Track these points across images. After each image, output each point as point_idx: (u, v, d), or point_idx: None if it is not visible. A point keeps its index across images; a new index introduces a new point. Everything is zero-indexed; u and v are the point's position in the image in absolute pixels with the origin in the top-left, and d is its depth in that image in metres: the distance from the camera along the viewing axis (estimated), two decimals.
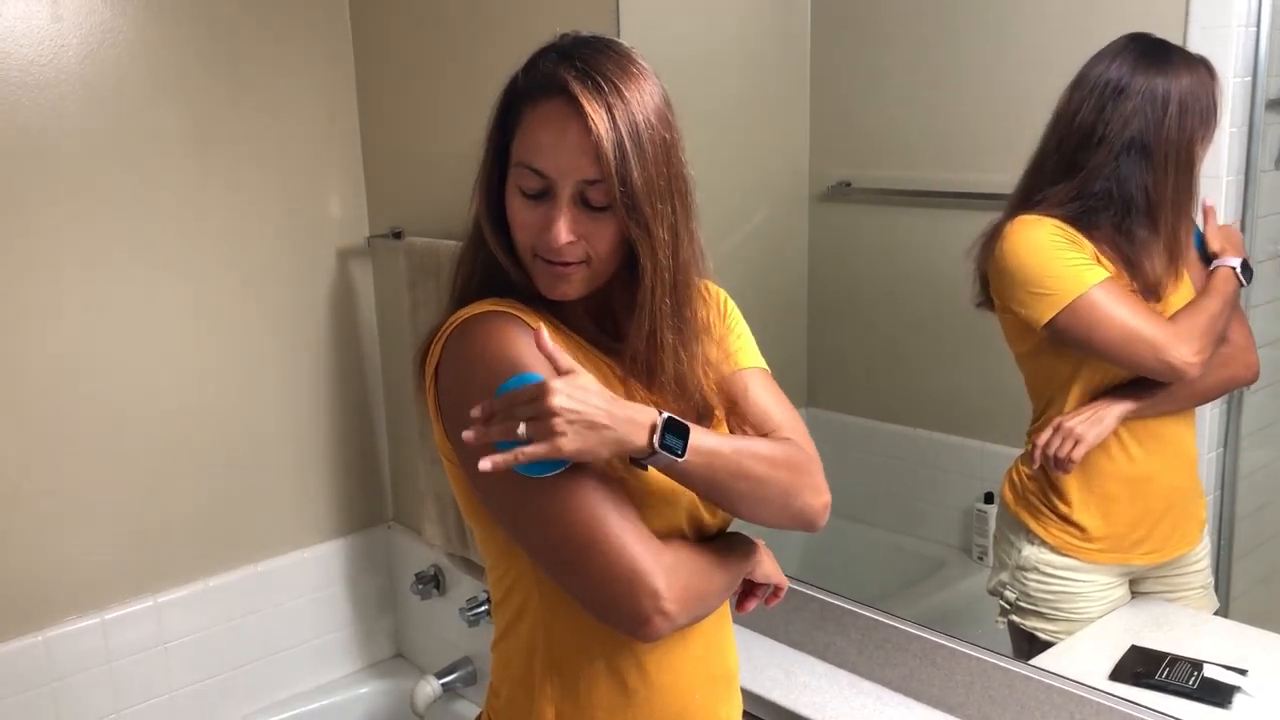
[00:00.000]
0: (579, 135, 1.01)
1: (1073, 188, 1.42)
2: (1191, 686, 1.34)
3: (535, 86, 1.05)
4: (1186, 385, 1.40)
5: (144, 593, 2.32)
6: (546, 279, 1.08)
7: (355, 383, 2.64)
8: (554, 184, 1.04)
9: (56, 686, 2.21)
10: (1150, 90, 1.37)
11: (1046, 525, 1.51)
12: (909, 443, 1.92)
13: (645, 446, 0.99)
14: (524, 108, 1.06)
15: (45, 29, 2.08)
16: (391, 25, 2.42)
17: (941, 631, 1.59)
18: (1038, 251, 1.44)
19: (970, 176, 1.75)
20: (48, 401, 2.16)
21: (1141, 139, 1.38)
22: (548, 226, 1.04)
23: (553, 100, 1.03)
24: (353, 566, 2.67)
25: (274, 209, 2.43)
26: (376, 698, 2.66)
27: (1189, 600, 1.52)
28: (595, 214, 1.05)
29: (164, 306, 2.29)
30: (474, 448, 0.99)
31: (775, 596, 1.26)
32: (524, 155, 1.05)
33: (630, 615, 1.01)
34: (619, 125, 1.01)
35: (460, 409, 1.03)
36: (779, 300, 2.09)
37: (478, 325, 1.07)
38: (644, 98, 1.04)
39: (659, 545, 1.03)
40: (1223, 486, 1.48)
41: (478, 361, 1.05)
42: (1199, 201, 1.41)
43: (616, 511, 1.02)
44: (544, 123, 1.04)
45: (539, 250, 1.07)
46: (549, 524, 1.02)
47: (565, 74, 1.03)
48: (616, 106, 1.02)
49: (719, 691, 1.21)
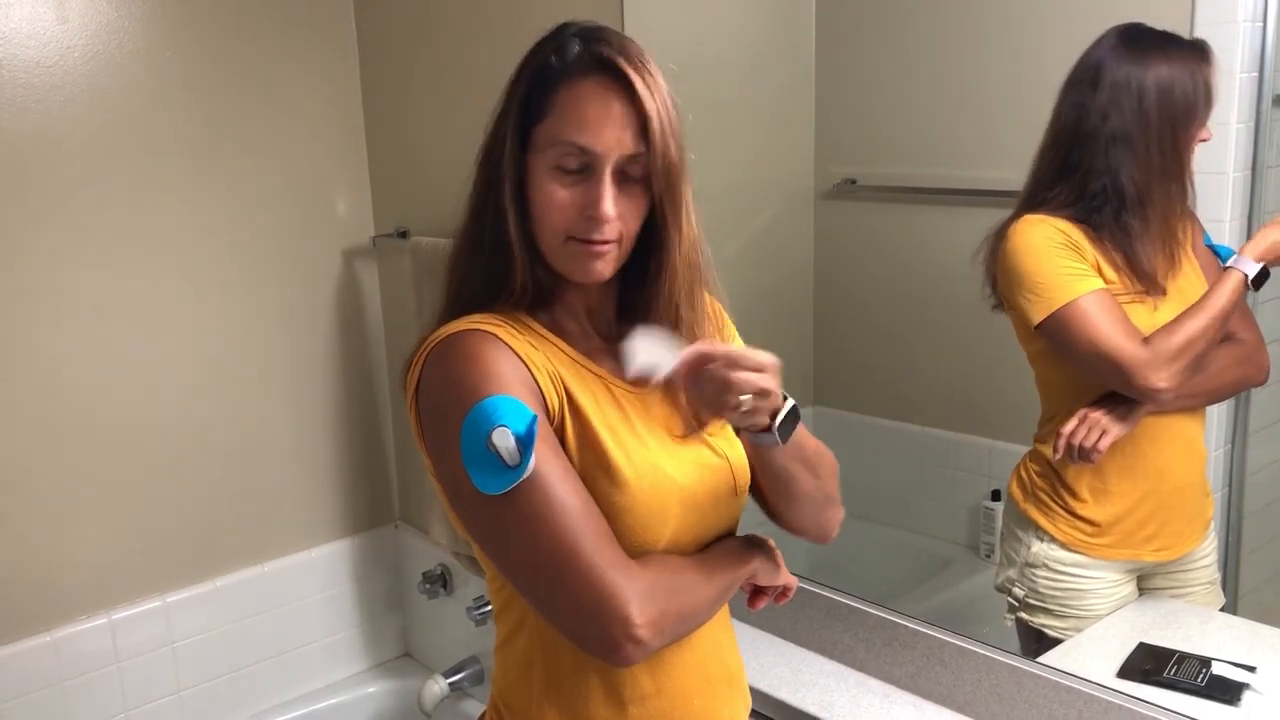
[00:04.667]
0: (623, 111, 1.03)
1: (1074, 186, 1.42)
2: (1200, 684, 1.34)
3: (571, 66, 1.05)
4: (1200, 384, 1.40)
5: (152, 593, 2.33)
6: (581, 261, 1.08)
7: (361, 382, 2.64)
8: (598, 159, 1.04)
9: (65, 687, 2.21)
10: (1124, 79, 1.37)
11: (1056, 521, 1.51)
12: (916, 440, 1.92)
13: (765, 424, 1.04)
14: (558, 87, 1.05)
15: (52, 30, 2.08)
16: (397, 25, 2.42)
17: (949, 629, 1.59)
18: (1035, 254, 1.44)
19: (976, 173, 1.75)
20: (54, 402, 2.16)
21: (1122, 129, 1.38)
22: (593, 202, 1.04)
23: (593, 77, 1.04)
24: (360, 566, 2.67)
25: (280, 209, 2.43)
26: (384, 697, 2.67)
27: (1195, 597, 1.51)
28: (629, 190, 1.07)
29: (171, 307, 2.29)
30: (450, 473, 1.03)
31: (784, 595, 1.25)
32: (565, 133, 1.04)
33: (600, 642, 1.01)
34: (658, 100, 1.05)
35: (437, 433, 1.05)
36: (785, 298, 2.08)
37: (451, 347, 1.06)
38: (662, 78, 1.07)
39: (633, 570, 1.02)
40: (1230, 483, 1.47)
41: (451, 385, 1.04)
42: (1194, 189, 1.39)
43: (590, 535, 1.01)
44: (588, 98, 1.04)
45: (577, 231, 1.06)
46: (521, 549, 1.02)
47: (604, 51, 1.04)
48: (653, 84, 1.05)
49: (719, 694, 1.20)
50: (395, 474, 2.74)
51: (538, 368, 1.07)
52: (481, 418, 1.00)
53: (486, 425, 0.99)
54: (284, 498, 2.53)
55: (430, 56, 2.35)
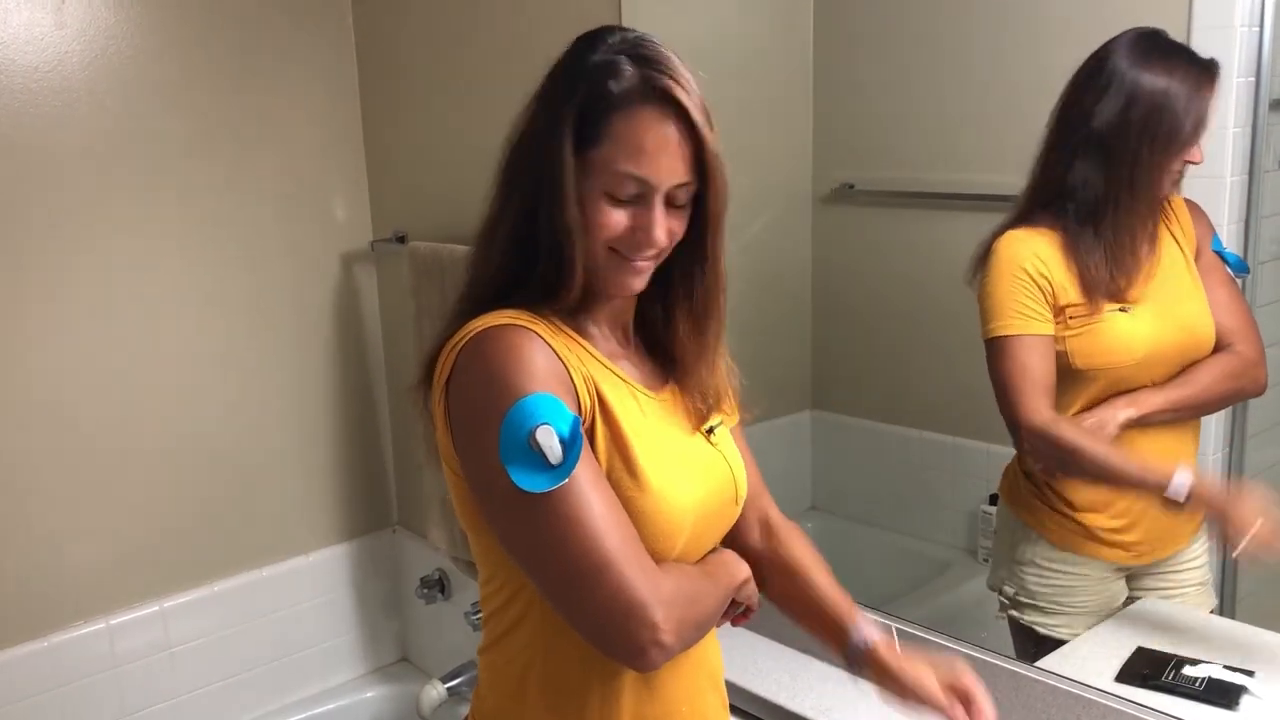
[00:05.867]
0: (679, 141, 1.04)
1: (1057, 184, 1.42)
2: (1198, 688, 1.34)
3: (629, 94, 1.04)
4: (1189, 396, 1.41)
5: (149, 598, 2.33)
6: (622, 275, 1.09)
7: (359, 387, 2.64)
8: (653, 189, 1.05)
9: (63, 692, 2.21)
10: (1120, 82, 1.36)
11: (1043, 519, 1.52)
12: (913, 445, 1.92)
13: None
14: (614, 114, 1.04)
15: (49, 36, 2.08)
16: (395, 30, 2.42)
17: (947, 634, 1.58)
18: (1002, 279, 1.46)
19: (973, 177, 1.75)
20: (51, 407, 2.16)
21: (1101, 133, 1.37)
22: (646, 228, 1.05)
23: (650, 106, 1.03)
24: (358, 571, 2.67)
25: (278, 214, 2.43)
26: (382, 702, 2.67)
27: (1187, 597, 1.52)
28: (674, 212, 1.08)
29: (168, 312, 2.29)
30: (484, 468, 1.03)
31: (746, 616, 1.26)
32: (621, 163, 1.04)
33: (627, 646, 1.01)
34: (709, 126, 1.05)
35: (472, 426, 1.04)
36: (782, 302, 2.08)
37: (492, 340, 1.05)
38: (699, 91, 1.07)
39: (659, 575, 1.03)
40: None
41: (492, 379, 1.03)
42: (1158, 206, 1.40)
43: (619, 538, 1.01)
44: (645, 129, 1.03)
45: (622, 246, 1.07)
46: (551, 549, 1.01)
47: (660, 80, 1.03)
48: (702, 108, 1.05)
49: (706, 699, 1.22)
50: (393, 478, 2.74)
51: (573, 367, 1.06)
52: (524, 415, 1.00)
53: (530, 423, 0.99)
54: (282, 502, 2.52)
55: (429, 61, 2.35)
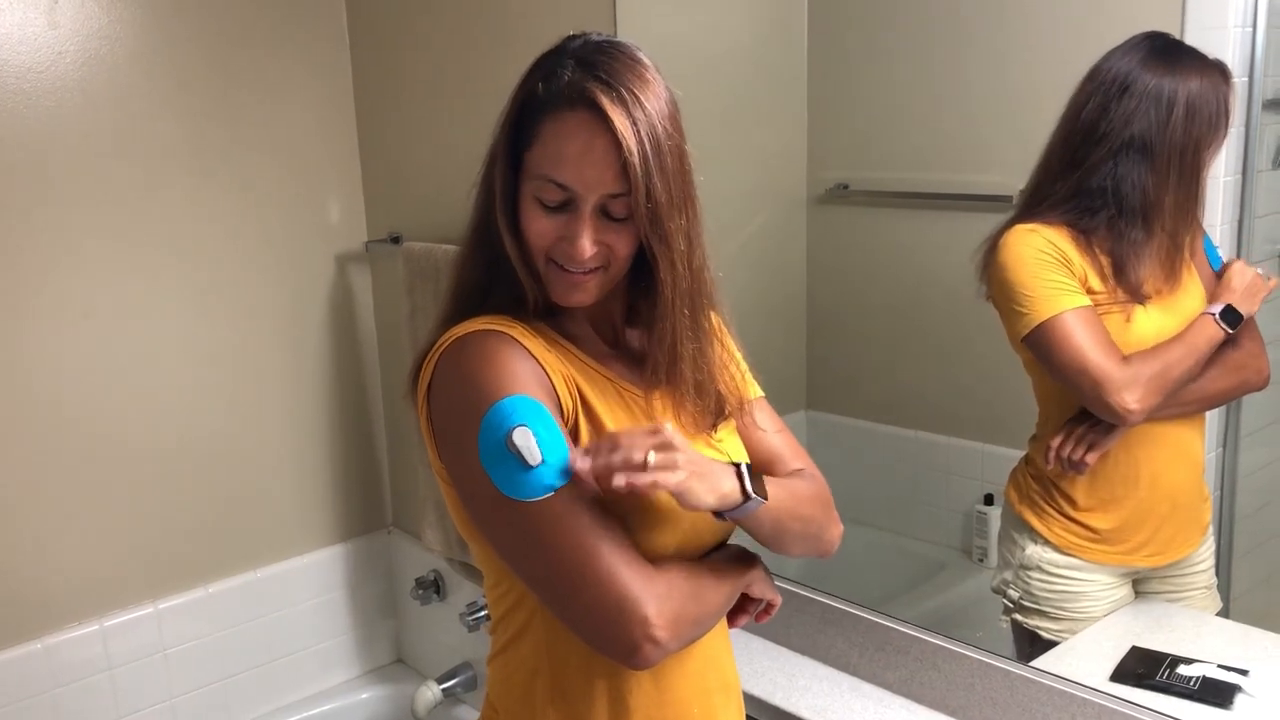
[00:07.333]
0: (605, 150, 1.00)
1: (1072, 184, 1.42)
2: (1193, 687, 1.34)
3: (557, 97, 1.02)
4: (1194, 389, 1.40)
5: (144, 599, 2.32)
6: (562, 286, 1.07)
7: (354, 388, 2.64)
8: (578, 197, 1.02)
9: (57, 694, 2.21)
10: (1156, 89, 1.36)
11: (1051, 525, 1.51)
12: (908, 445, 1.92)
13: (740, 495, 1.02)
14: (544, 118, 1.02)
15: (42, 36, 2.08)
16: (390, 30, 2.42)
17: (942, 634, 1.59)
18: (1023, 267, 1.43)
19: (968, 178, 1.75)
20: (46, 409, 2.15)
21: (1143, 138, 1.37)
22: (571, 239, 1.03)
23: (577, 112, 1.00)
24: (353, 572, 2.67)
25: (272, 214, 2.43)
26: (377, 703, 2.66)
27: (1192, 601, 1.52)
28: (614, 223, 1.04)
29: (163, 313, 2.29)
30: (467, 474, 1.02)
31: (767, 613, 1.25)
32: (546, 168, 1.02)
33: (620, 644, 1.00)
34: (644, 140, 1.00)
35: (452, 433, 1.04)
36: (777, 303, 2.08)
37: (467, 347, 1.05)
38: (660, 105, 1.03)
39: (651, 572, 1.02)
40: (1223, 486, 1.48)
41: (468, 384, 1.03)
42: (1204, 207, 1.40)
43: (608, 538, 1.01)
44: (569, 136, 1.01)
45: (556, 257, 1.06)
46: (540, 551, 1.01)
47: (590, 86, 1.00)
48: (640, 120, 1.00)
49: (717, 704, 1.20)
50: (388, 479, 2.73)
51: (552, 369, 1.06)
52: (501, 417, 1.00)
53: (506, 425, 0.99)
54: (276, 503, 2.52)
55: (423, 62, 2.34)
